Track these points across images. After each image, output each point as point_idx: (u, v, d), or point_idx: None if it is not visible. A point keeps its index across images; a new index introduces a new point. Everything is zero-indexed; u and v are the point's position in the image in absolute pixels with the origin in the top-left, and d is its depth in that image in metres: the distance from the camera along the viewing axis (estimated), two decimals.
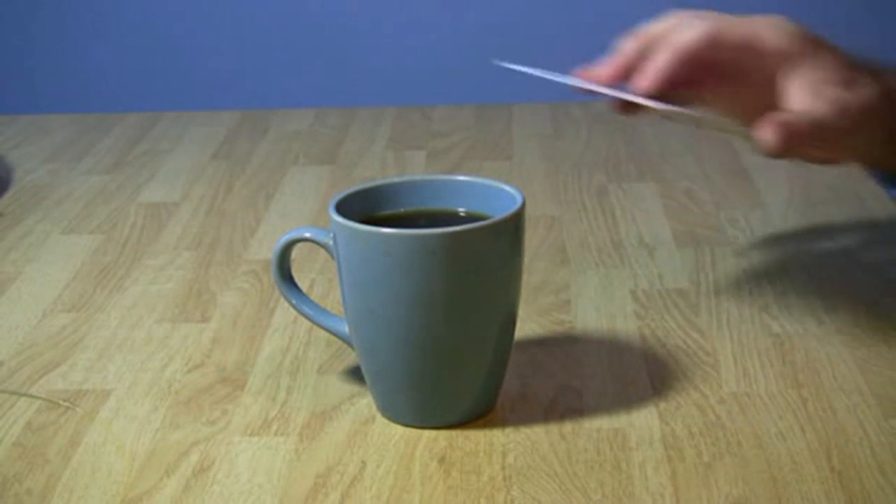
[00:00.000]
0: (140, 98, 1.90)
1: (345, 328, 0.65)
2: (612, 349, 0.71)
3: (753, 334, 0.72)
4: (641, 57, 0.67)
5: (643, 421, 0.63)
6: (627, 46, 0.68)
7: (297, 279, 0.67)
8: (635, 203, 0.94)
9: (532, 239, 0.86)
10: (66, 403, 0.67)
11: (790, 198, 0.93)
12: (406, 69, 1.93)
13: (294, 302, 0.67)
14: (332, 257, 0.64)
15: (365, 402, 0.65)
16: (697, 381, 0.67)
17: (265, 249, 0.87)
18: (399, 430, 0.63)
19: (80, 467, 0.61)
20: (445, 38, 1.93)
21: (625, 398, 0.65)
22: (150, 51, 1.95)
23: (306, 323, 0.71)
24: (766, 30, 0.65)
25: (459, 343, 0.62)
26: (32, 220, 0.96)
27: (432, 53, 1.93)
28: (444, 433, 0.62)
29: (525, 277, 0.64)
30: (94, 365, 0.71)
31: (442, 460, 0.60)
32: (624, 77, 0.67)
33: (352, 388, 0.67)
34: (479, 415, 0.64)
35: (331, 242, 0.63)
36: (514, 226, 0.62)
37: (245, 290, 0.81)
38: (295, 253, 0.66)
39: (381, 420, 0.64)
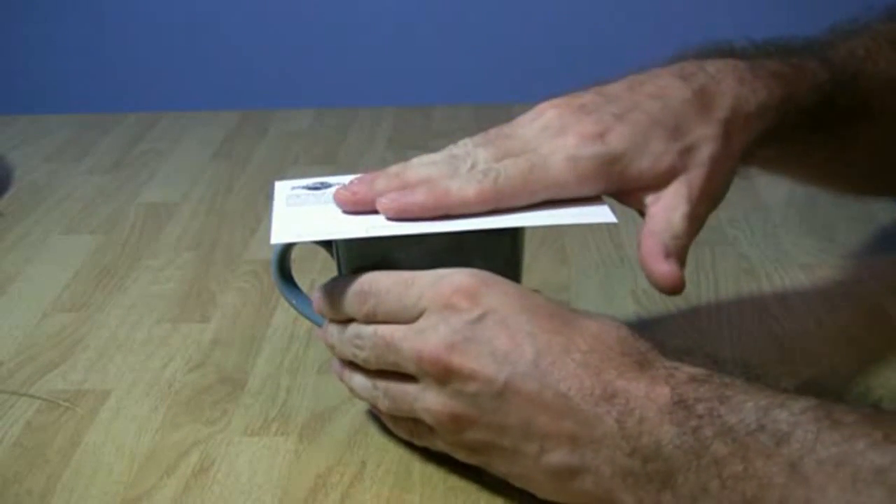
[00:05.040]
0: (140, 98, 1.90)
1: None
2: None
3: (753, 334, 0.72)
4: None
5: None
6: None
7: (297, 279, 0.67)
8: None
9: (532, 239, 0.86)
10: (66, 403, 0.67)
11: (790, 198, 0.93)
12: (406, 69, 1.93)
13: (294, 302, 0.67)
14: (332, 257, 0.64)
15: (365, 403, 0.65)
16: None
17: (265, 249, 0.86)
18: None
19: (80, 467, 0.61)
20: (445, 38, 1.93)
21: None
22: (149, 51, 1.95)
23: (306, 323, 0.71)
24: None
25: None
26: (32, 220, 0.96)
27: (432, 53, 1.93)
28: None
29: (525, 277, 0.64)
30: (93, 365, 0.71)
31: (442, 460, 0.60)
32: None
33: None
34: None
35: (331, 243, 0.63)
36: (514, 226, 0.62)
37: (245, 290, 0.81)
38: (295, 253, 0.66)
39: (381, 420, 0.64)
